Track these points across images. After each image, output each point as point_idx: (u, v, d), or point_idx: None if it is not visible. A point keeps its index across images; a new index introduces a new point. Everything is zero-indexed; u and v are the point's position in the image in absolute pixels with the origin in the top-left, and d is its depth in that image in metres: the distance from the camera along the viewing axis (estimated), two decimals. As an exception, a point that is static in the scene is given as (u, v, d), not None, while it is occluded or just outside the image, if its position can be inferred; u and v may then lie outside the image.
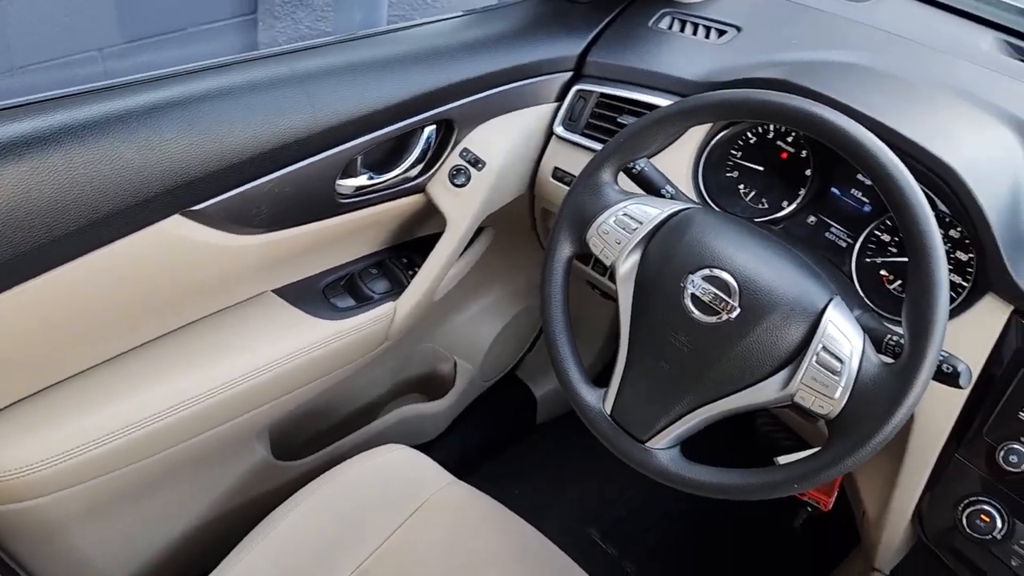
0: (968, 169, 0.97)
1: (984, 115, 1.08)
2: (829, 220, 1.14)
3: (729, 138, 1.20)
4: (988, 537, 0.96)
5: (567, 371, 0.99)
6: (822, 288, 0.88)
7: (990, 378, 0.95)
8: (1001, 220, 0.95)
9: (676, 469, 0.92)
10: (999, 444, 0.94)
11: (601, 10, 1.32)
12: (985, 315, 0.97)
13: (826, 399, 0.84)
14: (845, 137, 0.85)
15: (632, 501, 1.81)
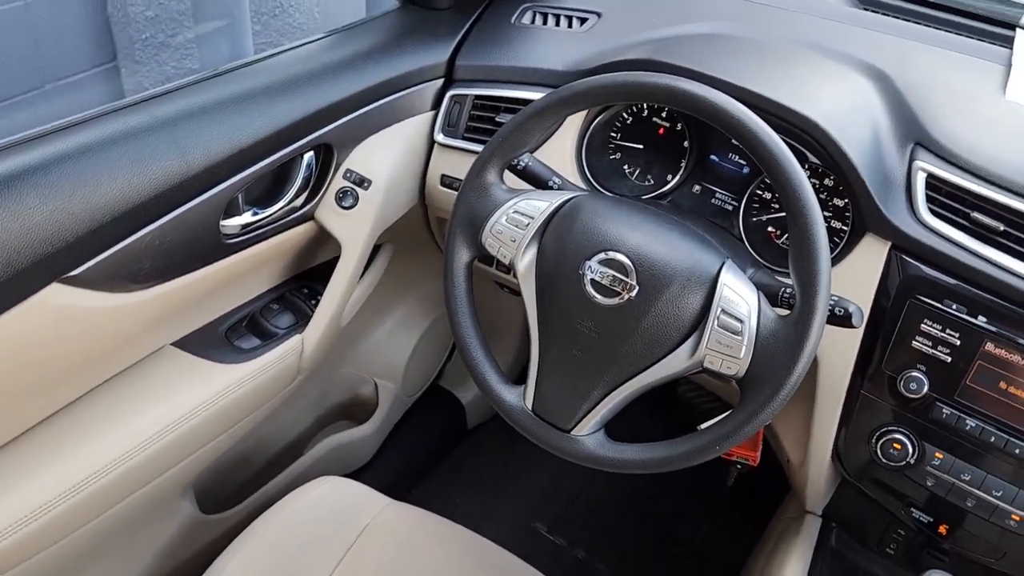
0: (830, 120, 1.01)
1: (839, 66, 1.13)
2: (713, 187, 1.18)
3: (607, 122, 1.22)
4: (903, 463, 1.01)
5: (483, 374, 0.99)
6: (713, 254, 0.91)
7: (881, 313, 1.00)
8: (867, 163, 1.00)
9: (604, 452, 0.93)
10: (899, 374, 0.99)
11: (463, 14, 1.33)
12: (867, 255, 1.02)
13: (732, 359, 0.86)
14: (710, 106, 0.88)
15: (572, 490, 1.83)
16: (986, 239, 0.95)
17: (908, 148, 1.02)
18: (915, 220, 0.98)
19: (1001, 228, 0.95)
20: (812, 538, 1.21)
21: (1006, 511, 0.97)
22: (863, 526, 1.22)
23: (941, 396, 0.98)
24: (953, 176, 0.98)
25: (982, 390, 0.96)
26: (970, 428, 0.97)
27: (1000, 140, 1.02)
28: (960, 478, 0.99)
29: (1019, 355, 0.94)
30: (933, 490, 1.01)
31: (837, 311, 0.89)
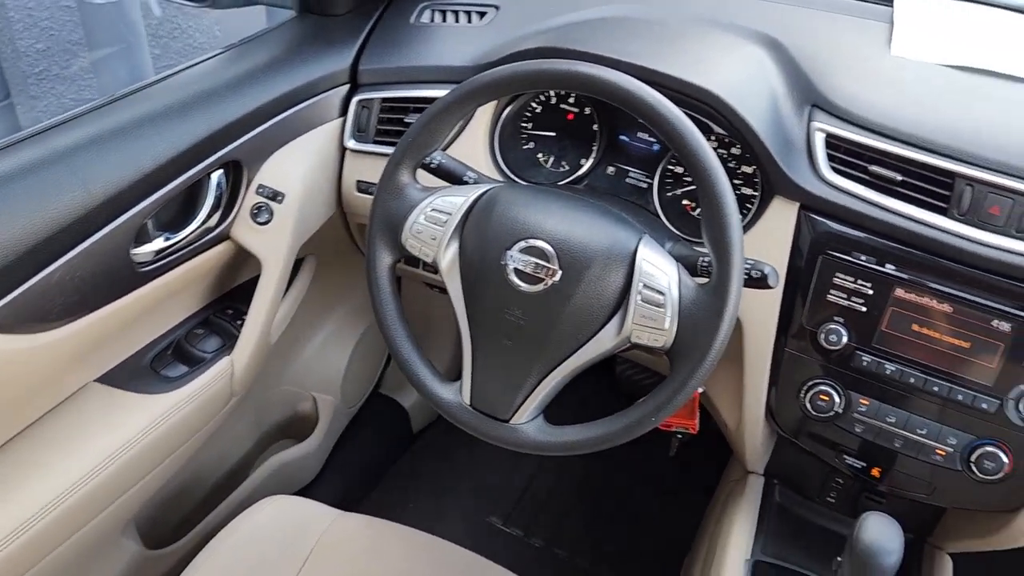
0: (729, 91, 1.04)
1: (733, 38, 1.16)
2: (626, 167, 1.20)
3: (516, 113, 1.23)
4: (831, 414, 1.05)
5: (417, 374, 0.99)
6: (630, 231, 0.93)
7: (796, 271, 1.04)
8: (768, 129, 1.03)
9: (545, 438, 0.94)
10: (819, 328, 1.03)
11: (361, 18, 1.32)
12: (778, 217, 1.05)
13: (658, 332, 0.88)
14: (611, 87, 0.89)
15: (523, 481, 1.84)
16: (886, 190, 0.99)
17: (805, 111, 1.06)
18: (818, 179, 1.02)
19: (899, 178, 0.99)
20: (757, 496, 1.24)
21: (931, 447, 1.02)
22: (803, 479, 1.26)
23: (860, 345, 1.02)
24: (850, 133, 1.02)
25: (897, 335, 1.00)
26: (890, 372, 1.01)
27: (890, 94, 1.06)
28: (886, 421, 1.03)
29: (928, 297, 0.98)
30: (862, 436, 1.05)
31: (754, 274, 0.92)
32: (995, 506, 1.04)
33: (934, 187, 0.97)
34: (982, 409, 0.98)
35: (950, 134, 0.98)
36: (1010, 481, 1.00)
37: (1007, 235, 0.94)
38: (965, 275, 0.96)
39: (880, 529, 0.91)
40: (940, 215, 0.97)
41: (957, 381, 0.99)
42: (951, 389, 0.99)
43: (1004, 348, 0.96)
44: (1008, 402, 0.97)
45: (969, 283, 0.96)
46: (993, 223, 0.95)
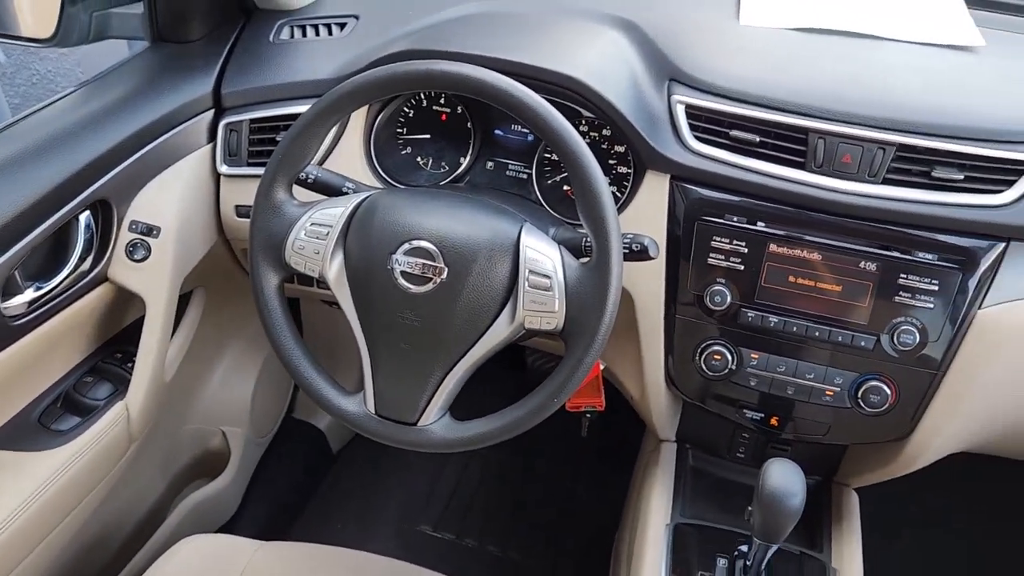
0: (590, 75, 1.07)
1: (591, 24, 1.19)
2: (504, 160, 1.22)
3: (389, 118, 1.23)
4: (726, 371, 1.09)
5: (318, 390, 0.99)
6: (511, 221, 0.94)
7: (676, 240, 1.07)
8: (632, 108, 1.06)
9: (453, 435, 0.95)
10: (704, 291, 1.07)
11: (218, 42, 1.29)
12: (652, 190, 1.08)
13: (549, 315, 0.90)
14: (474, 83, 0.91)
15: (449, 485, 1.84)
16: (747, 152, 1.04)
17: (665, 86, 1.10)
18: (684, 149, 1.06)
19: (757, 139, 1.03)
20: (671, 463, 1.28)
21: (820, 390, 1.07)
22: (713, 440, 1.30)
23: (744, 302, 1.06)
24: (708, 102, 1.06)
25: (776, 288, 1.05)
26: (774, 324, 1.06)
27: (742, 62, 1.11)
28: (776, 371, 1.08)
29: (799, 249, 1.03)
30: (757, 388, 1.10)
31: (634, 247, 0.95)
32: (886, 436, 1.10)
33: (790, 144, 1.02)
34: (861, 347, 1.04)
35: (800, 93, 1.04)
36: (895, 411, 1.06)
37: (861, 180, 1.00)
38: (829, 223, 1.02)
39: (782, 474, 0.96)
40: (799, 169, 1.02)
41: (836, 324, 1.04)
42: (831, 332, 1.04)
43: (873, 287, 1.02)
44: (883, 337, 1.03)
45: (834, 230, 1.02)
46: (847, 171, 1.00)
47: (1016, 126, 0.99)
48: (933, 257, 1.00)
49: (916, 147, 0.99)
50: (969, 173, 0.98)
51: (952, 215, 0.98)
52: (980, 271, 0.99)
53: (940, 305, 1.00)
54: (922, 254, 1.00)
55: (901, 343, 1.01)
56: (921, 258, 1.00)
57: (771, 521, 0.96)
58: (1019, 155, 0.98)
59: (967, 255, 0.99)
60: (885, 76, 1.08)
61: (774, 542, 0.99)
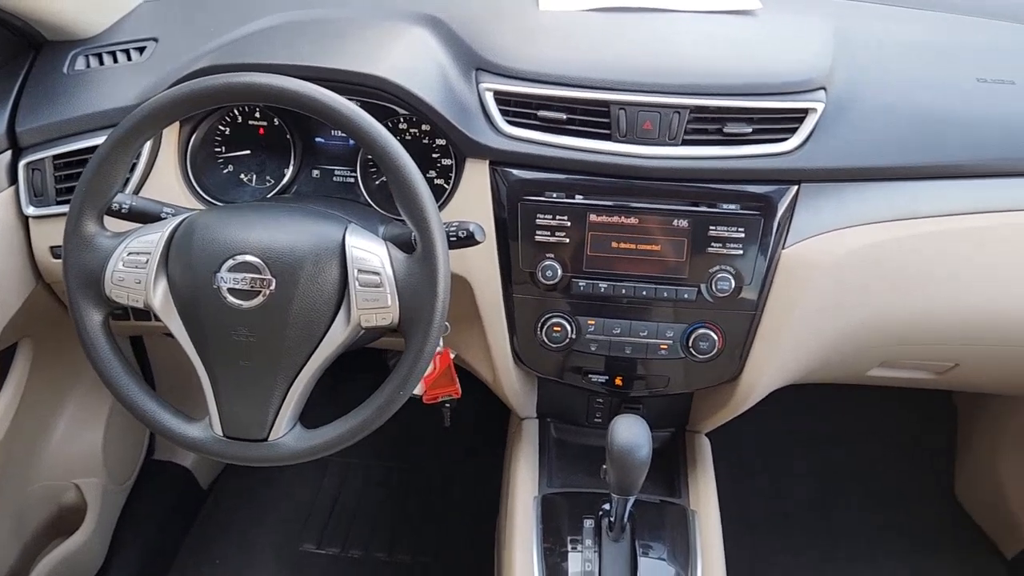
0: (399, 73, 1.09)
1: (395, 23, 1.21)
2: (329, 166, 1.22)
3: (204, 138, 1.21)
4: (567, 341, 1.14)
5: (160, 422, 0.96)
6: (335, 224, 0.95)
7: (503, 222, 1.11)
8: (443, 100, 1.09)
9: (306, 444, 0.95)
10: (536, 268, 1.11)
11: (5, 80, 1.22)
12: (474, 178, 1.11)
13: (384, 311, 0.91)
14: (275, 92, 0.90)
15: (326, 500, 1.83)
16: (557, 130, 1.09)
17: (473, 75, 1.13)
18: (498, 134, 1.09)
19: (565, 117, 1.08)
20: (534, 438, 1.32)
21: (655, 345, 1.14)
22: (570, 410, 1.35)
23: (574, 273, 1.11)
24: (515, 87, 1.10)
25: (601, 255, 1.10)
26: (604, 290, 1.11)
27: (544, 45, 1.16)
28: (613, 334, 1.14)
29: (617, 215, 1.09)
30: (598, 352, 1.15)
31: (460, 234, 0.98)
32: (720, 379, 1.17)
33: (595, 117, 1.08)
34: (685, 299, 1.11)
35: (599, 69, 1.09)
36: (724, 355, 1.14)
37: (662, 144, 1.07)
38: (640, 188, 1.08)
39: (627, 428, 1.01)
40: (606, 140, 1.07)
41: (659, 281, 1.11)
42: (656, 289, 1.11)
43: (688, 242, 1.09)
44: (703, 287, 1.10)
45: (645, 193, 1.08)
46: (649, 137, 1.07)
47: (792, 78, 1.08)
48: (736, 207, 1.08)
49: (708, 107, 1.06)
50: (757, 126, 1.07)
51: (747, 166, 1.06)
52: (779, 214, 1.08)
53: (749, 250, 1.08)
54: (726, 205, 1.08)
55: (719, 290, 1.09)
56: (726, 209, 1.08)
57: (623, 475, 1.01)
58: (798, 104, 1.07)
59: (765, 201, 1.07)
60: (676, 45, 1.15)
61: (630, 494, 1.05)
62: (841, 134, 1.08)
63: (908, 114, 1.11)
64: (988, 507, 1.81)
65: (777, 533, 1.81)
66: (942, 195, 1.10)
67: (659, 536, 1.17)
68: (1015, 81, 1.16)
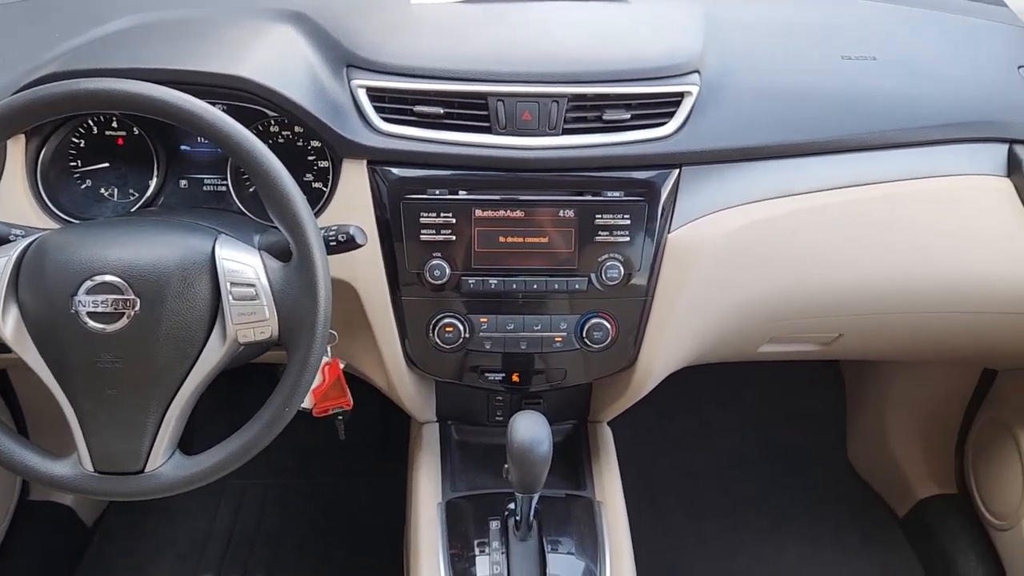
0: (264, 73, 1.03)
1: (258, 21, 1.15)
2: (197, 175, 1.15)
3: (56, 153, 1.12)
4: (460, 341, 1.11)
5: (21, 462, 0.88)
6: (203, 235, 0.90)
7: (386, 223, 1.07)
8: (312, 99, 1.04)
9: (187, 472, 0.89)
10: (422, 268, 1.08)
11: None
12: (353, 179, 1.07)
13: (262, 324, 0.87)
14: (129, 98, 0.84)
15: (224, 526, 1.75)
16: (435, 125, 1.05)
17: (343, 72, 1.08)
18: (374, 132, 1.05)
19: (442, 112, 1.05)
20: (435, 442, 1.29)
21: (550, 338, 1.12)
22: (471, 411, 1.33)
23: (463, 271, 1.08)
24: (388, 83, 1.06)
25: (489, 251, 1.08)
26: (495, 286, 1.09)
27: (416, 39, 1.12)
28: (507, 330, 1.11)
29: (502, 209, 1.07)
30: (493, 350, 1.13)
31: (340, 238, 0.93)
32: (617, 367, 1.17)
33: (473, 111, 1.05)
34: (576, 290, 1.09)
35: (475, 61, 1.06)
36: (619, 342, 1.13)
37: (543, 135, 1.05)
38: (523, 180, 1.06)
39: (526, 425, 0.99)
40: (485, 134, 1.05)
41: (550, 273, 1.09)
42: (547, 282, 1.09)
43: (575, 232, 1.08)
44: (593, 276, 1.09)
45: (529, 185, 1.06)
46: (529, 128, 1.05)
47: (667, 62, 1.08)
48: (620, 194, 1.07)
49: (586, 95, 1.05)
50: (635, 112, 1.06)
51: (627, 152, 1.06)
52: (663, 199, 1.08)
53: (636, 237, 1.08)
54: (610, 193, 1.07)
55: (609, 278, 1.08)
56: (610, 197, 1.07)
57: (525, 473, 0.99)
58: (673, 88, 1.07)
59: (648, 186, 1.07)
60: (551, 34, 1.14)
61: (534, 492, 1.03)
62: (717, 116, 1.09)
63: (779, 94, 1.14)
64: (879, 469, 1.89)
65: (684, 513, 1.84)
66: (815, 171, 1.13)
67: (567, 531, 1.16)
68: (876, 57, 1.20)
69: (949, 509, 1.73)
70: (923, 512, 1.77)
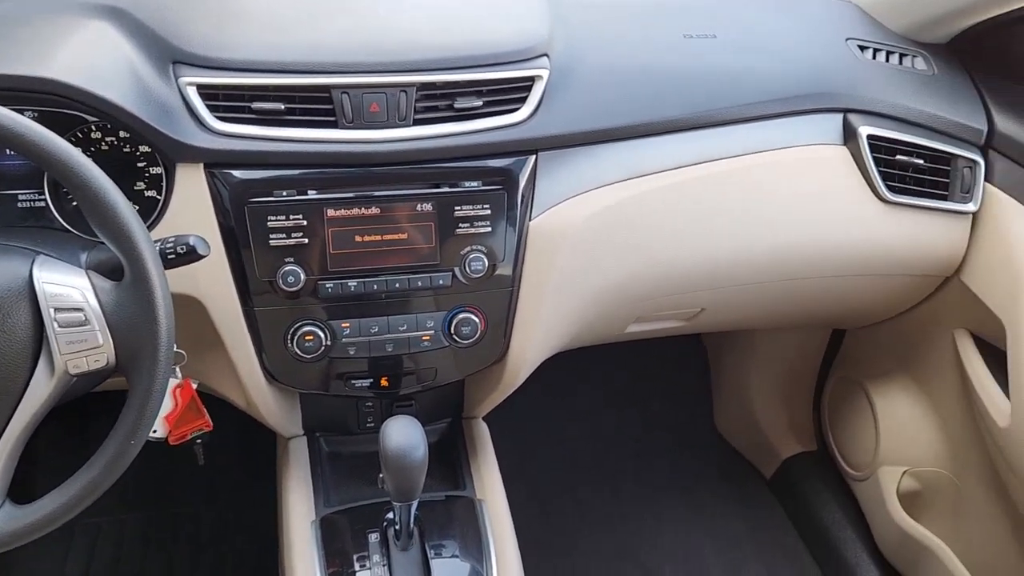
0: (74, 72, 0.93)
1: (67, 18, 1.04)
2: (9, 191, 1.03)
3: None
4: (323, 349, 1.05)
5: None
6: (19, 258, 0.80)
7: (231, 230, 0.99)
8: (135, 100, 0.95)
9: (19, 524, 0.79)
10: (274, 275, 1.01)
11: None
12: (189, 185, 0.99)
13: (96, 351, 0.78)
14: None
15: (78, 566, 1.60)
16: (276, 122, 0.99)
17: (170, 69, 1.00)
18: (209, 133, 0.97)
19: (283, 107, 0.98)
20: (304, 457, 1.22)
21: (417, 337, 1.08)
22: (340, 420, 1.27)
23: (319, 275, 1.02)
24: (221, 79, 0.98)
25: (346, 252, 1.02)
26: (355, 288, 1.04)
27: (248, 30, 1.04)
28: (371, 333, 1.06)
29: (356, 207, 1.01)
30: (358, 355, 1.07)
31: (179, 250, 0.86)
32: (488, 361, 1.14)
33: (316, 104, 0.99)
34: (440, 285, 1.06)
35: (315, 51, 1.00)
36: (488, 336, 1.10)
37: (393, 126, 1.00)
38: (376, 175, 1.01)
39: (398, 431, 0.95)
40: (331, 128, 0.99)
41: (412, 270, 1.05)
42: (410, 280, 1.05)
43: (435, 226, 1.04)
44: (457, 270, 1.06)
45: (383, 180, 1.02)
46: (378, 120, 1.00)
47: (515, 47, 1.06)
48: (478, 184, 1.04)
49: (436, 83, 1.01)
50: (487, 98, 1.03)
51: (482, 140, 1.03)
52: (521, 186, 1.06)
53: (497, 227, 1.05)
54: (468, 183, 1.04)
55: (473, 271, 1.05)
56: (468, 187, 1.04)
57: (401, 480, 0.95)
58: (523, 72, 1.05)
59: (506, 174, 1.05)
60: (395, 21, 1.09)
61: (412, 498, 0.99)
62: (568, 100, 1.08)
63: (625, 74, 1.14)
64: (744, 434, 1.96)
65: (566, 496, 1.85)
66: (666, 150, 1.14)
67: (449, 534, 1.12)
68: (716, 35, 1.22)
69: (811, 466, 1.82)
70: (788, 471, 1.85)
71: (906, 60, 1.30)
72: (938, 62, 1.31)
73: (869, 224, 1.23)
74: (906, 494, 1.54)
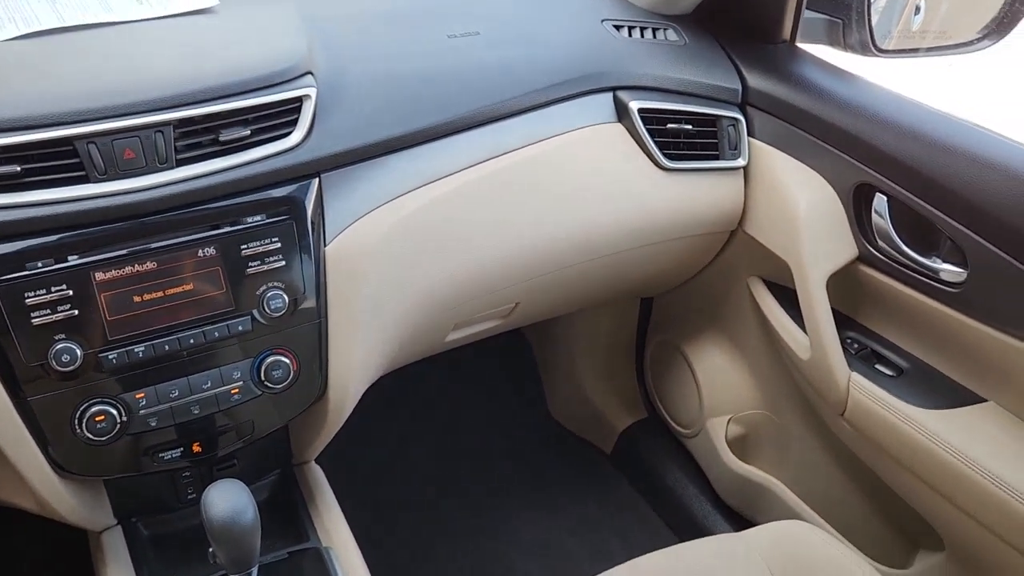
0: None
1: None
2: None
3: None
4: (118, 427, 0.94)
5: None
6: None
7: None
8: None
9: None
10: (45, 357, 0.89)
11: None
12: None
13: None
14: None
15: None
16: (14, 187, 0.86)
17: None
18: None
19: (19, 169, 0.86)
20: (121, 549, 1.09)
21: (225, 392, 0.99)
22: (155, 499, 1.14)
23: (99, 347, 0.92)
24: None
25: (125, 316, 0.92)
26: (143, 354, 0.94)
27: None
28: (172, 398, 0.97)
29: (128, 265, 0.91)
30: (161, 425, 0.97)
31: None
32: (309, 401, 1.07)
33: (60, 160, 0.88)
34: (240, 332, 0.98)
35: (51, 103, 0.88)
36: (304, 374, 1.04)
37: (154, 172, 0.91)
38: (145, 227, 0.92)
39: (221, 497, 0.87)
40: (83, 184, 0.88)
41: (206, 322, 0.96)
42: (205, 332, 0.96)
43: (222, 270, 0.96)
44: (255, 312, 0.98)
45: (155, 231, 0.92)
46: (135, 167, 0.90)
47: (275, 68, 0.99)
48: (262, 217, 0.97)
49: (194, 118, 0.93)
50: (254, 126, 0.96)
51: (257, 171, 0.96)
52: (309, 212, 1.00)
53: (291, 259, 0.99)
54: (251, 219, 0.97)
55: (273, 310, 0.98)
56: (252, 223, 0.97)
57: (234, 549, 0.87)
58: (290, 94, 0.98)
59: (290, 203, 0.99)
60: (140, 59, 0.99)
61: (251, 566, 0.91)
62: (342, 116, 1.03)
63: (396, 82, 1.11)
64: (580, 416, 2.00)
65: (416, 516, 1.80)
66: (455, 151, 1.12)
67: (301, 592, 1.04)
68: (479, 32, 1.22)
69: (646, 433, 1.88)
70: (625, 443, 1.90)
71: (659, 33, 1.36)
72: (688, 32, 1.38)
73: (655, 193, 1.28)
74: (734, 440, 1.63)
